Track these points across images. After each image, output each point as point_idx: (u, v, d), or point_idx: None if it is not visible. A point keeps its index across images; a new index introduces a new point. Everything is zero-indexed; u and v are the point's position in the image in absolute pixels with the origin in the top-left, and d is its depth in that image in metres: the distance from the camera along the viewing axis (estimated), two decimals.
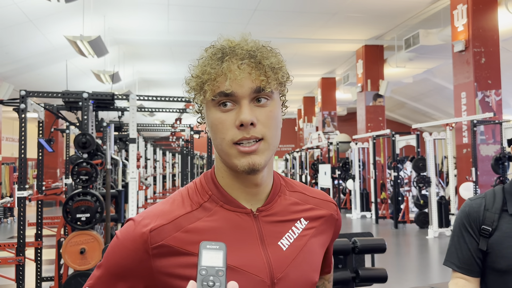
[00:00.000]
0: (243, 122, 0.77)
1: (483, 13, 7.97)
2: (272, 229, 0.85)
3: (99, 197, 3.66)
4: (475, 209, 1.43)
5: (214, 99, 0.79)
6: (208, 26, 10.71)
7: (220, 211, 0.83)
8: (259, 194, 0.86)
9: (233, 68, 0.78)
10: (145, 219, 0.81)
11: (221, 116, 0.79)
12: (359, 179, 11.27)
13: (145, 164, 10.58)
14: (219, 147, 0.81)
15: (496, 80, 7.93)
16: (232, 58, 0.79)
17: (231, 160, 0.80)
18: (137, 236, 0.79)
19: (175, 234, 0.80)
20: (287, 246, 0.84)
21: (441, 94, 16.37)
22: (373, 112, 12.33)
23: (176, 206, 0.83)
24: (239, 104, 0.79)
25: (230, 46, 0.80)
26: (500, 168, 7.10)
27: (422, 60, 11.69)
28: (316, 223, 0.91)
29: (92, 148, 3.77)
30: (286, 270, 0.82)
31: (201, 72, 0.80)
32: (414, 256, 6.74)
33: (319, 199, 0.95)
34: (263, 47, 0.82)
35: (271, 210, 0.86)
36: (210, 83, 0.79)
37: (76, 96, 3.97)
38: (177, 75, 15.42)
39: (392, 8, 9.60)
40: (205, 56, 0.82)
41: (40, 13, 8.26)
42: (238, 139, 0.78)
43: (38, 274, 4.29)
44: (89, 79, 11.67)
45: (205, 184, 0.86)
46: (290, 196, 0.91)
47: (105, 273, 0.81)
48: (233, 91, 0.78)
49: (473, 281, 1.42)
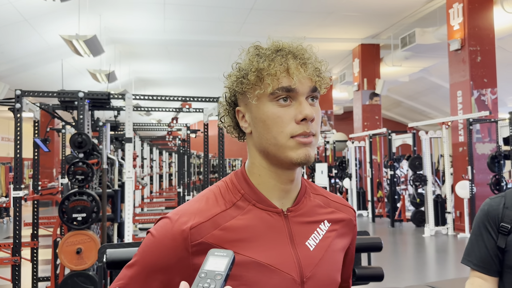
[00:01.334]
0: (307, 116, 0.81)
1: (479, 12, 7.99)
2: (300, 229, 0.87)
3: (95, 197, 3.65)
4: (494, 208, 1.43)
5: (274, 94, 0.82)
6: (204, 25, 10.69)
7: (252, 210, 0.85)
8: (291, 192, 0.88)
9: (296, 66, 0.83)
10: (182, 216, 0.82)
11: (279, 110, 0.82)
12: (356, 178, 11.29)
13: (142, 163, 10.56)
14: (272, 141, 0.83)
15: (492, 78, 7.96)
16: (291, 57, 0.84)
17: (285, 152, 0.82)
18: (177, 233, 0.80)
19: (213, 231, 0.81)
20: (313, 246, 0.87)
21: (437, 93, 16.42)
22: (370, 111, 12.35)
23: (211, 204, 0.85)
24: (296, 101, 0.83)
25: (287, 47, 0.86)
26: (496, 167, 7.13)
27: (418, 59, 11.71)
28: (337, 226, 0.94)
29: (88, 147, 3.75)
30: (314, 269, 0.85)
31: (265, 65, 0.82)
32: (410, 254, 6.76)
33: (339, 203, 0.98)
34: (313, 52, 0.89)
35: (299, 211, 0.89)
36: (273, 78, 0.82)
37: (71, 96, 3.95)
38: (173, 74, 15.39)
39: (388, 7, 9.61)
40: (261, 52, 0.85)
41: (36, 12, 8.22)
42: (298, 133, 0.82)
43: (34, 274, 4.28)
44: (85, 78, 11.63)
45: (237, 183, 0.88)
46: (314, 198, 0.94)
47: (141, 272, 0.81)
48: (296, 87, 0.82)
49: (491, 280, 1.42)
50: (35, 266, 4.29)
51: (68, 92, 3.96)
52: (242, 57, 0.88)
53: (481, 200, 7.50)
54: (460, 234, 7.70)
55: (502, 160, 7.13)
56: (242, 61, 0.87)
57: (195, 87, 17.71)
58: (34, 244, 4.21)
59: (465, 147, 7.89)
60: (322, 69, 0.87)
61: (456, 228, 8.08)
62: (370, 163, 10.48)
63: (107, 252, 1.10)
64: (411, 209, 9.93)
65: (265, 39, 0.91)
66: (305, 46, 0.88)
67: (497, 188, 7.11)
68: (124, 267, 0.84)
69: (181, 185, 8.26)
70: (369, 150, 10.55)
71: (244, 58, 0.87)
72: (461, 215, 8.01)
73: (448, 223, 8.05)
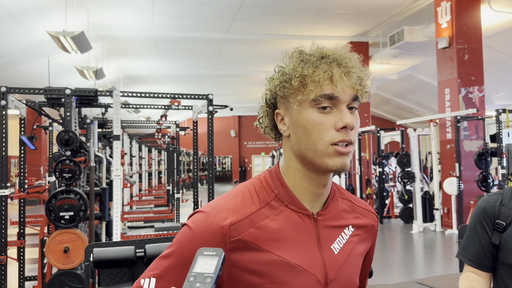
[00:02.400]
0: (348, 125, 0.83)
1: (467, 10, 8.06)
2: (327, 233, 0.90)
3: (82, 195, 3.62)
4: (491, 204, 1.44)
5: (316, 100, 0.83)
6: (193, 22, 10.63)
7: (285, 211, 0.87)
8: (323, 196, 0.90)
9: (339, 74, 0.83)
10: (221, 212, 0.84)
11: (320, 117, 0.83)
12: (345, 175, 11.32)
13: (130, 161, 10.49)
14: (311, 146, 0.84)
15: (479, 76, 8.04)
16: (335, 65, 0.84)
17: (323, 159, 0.84)
18: (216, 229, 0.82)
19: (250, 230, 0.83)
20: (338, 250, 0.90)
21: (425, 91, 16.55)
22: (359, 108, 12.40)
23: (247, 202, 0.87)
24: (337, 109, 0.84)
25: (329, 54, 0.85)
26: (483, 164, 7.21)
27: (407, 57, 11.79)
28: (360, 231, 0.96)
29: (75, 145, 3.71)
30: (337, 272, 0.88)
31: (310, 72, 0.83)
32: (399, 251, 6.81)
33: (363, 209, 1.00)
34: (358, 60, 0.88)
35: (327, 214, 0.91)
36: (317, 85, 0.82)
37: (58, 93, 3.91)
38: (162, 71, 15.30)
39: (377, 5, 9.65)
40: (306, 58, 0.85)
41: (22, 8, 8.11)
42: (338, 140, 0.83)
43: (21, 273, 4.23)
44: (72, 75, 11.51)
45: (271, 183, 0.90)
46: (342, 203, 0.96)
47: (177, 263, 0.82)
48: (339, 95, 0.83)
49: (484, 275, 1.43)
50: (22, 265, 4.24)
51: (55, 89, 3.91)
52: (286, 61, 0.89)
53: (468, 197, 7.59)
54: (448, 231, 7.78)
55: (489, 157, 7.21)
56: (285, 65, 0.88)
57: (184, 84, 17.63)
58: (21, 243, 4.16)
59: (452, 144, 7.97)
60: (365, 77, 0.87)
61: (444, 224, 8.16)
62: (359, 160, 10.54)
63: (94, 251, 1.09)
64: (399, 205, 10.00)
65: (254, 36, 0.90)
66: (349, 55, 0.88)
67: (484, 184, 7.19)
68: (158, 258, 0.85)
69: (171, 183, 8.22)
70: (358, 147, 10.60)
71: (288, 63, 0.88)
72: (448, 211, 8.09)
73: (436, 219, 8.13)
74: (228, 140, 26.40)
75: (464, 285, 1.44)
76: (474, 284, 1.42)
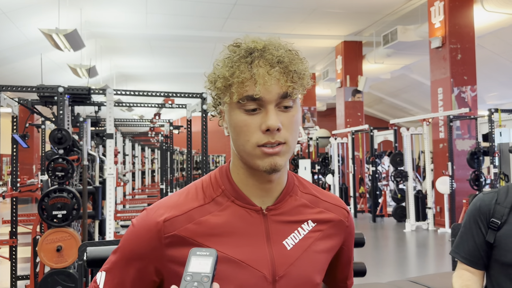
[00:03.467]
0: (270, 128, 0.79)
1: (460, 10, 8.10)
2: (279, 228, 0.87)
3: (75, 194, 3.60)
4: (486, 203, 1.45)
5: (240, 102, 0.81)
6: (187, 20, 10.60)
7: (231, 206, 0.86)
8: (271, 191, 0.88)
9: (263, 73, 0.79)
10: (160, 209, 0.86)
11: (246, 119, 0.81)
12: (338, 174, 11.37)
13: (123, 160, 10.45)
14: (241, 148, 0.83)
15: (472, 76, 8.08)
16: (261, 62, 0.80)
17: (253, 160, 0.83)
18: (152, 225, 0.84)
19: (187, 225, 0.83)
20: (291, 245, 0.87)
21: (418, 90, 16.62)
22: (352, 108, 12.45)
23: (190, 198, 0.87)
24: (264, 108, 0.80)
25: (259, 49, 0.81)
26: (476, 163, 7.25)
27: (400, 56, 11.83)
28: (323, 226, 0.92)
29: (68, 143, 3.69)
30: (288, 268, 0.85)
31: (229, 73, 0.80)
32: (392, 249, 6.84)
33: (330, 203, 0.96)
34: (291, 52, 0.83)
35: (280, 209, 0.89)
36: (238, 86, 0.80)
37: (51, 91, 3.88)
38: (155, 69, 15.25)
39: (371, 5, 9.68)
40: (231, 55, 0.82)
41: (14, 5, 8.04)
42: (263, 143, 0.80)
43: (13, 272, 4.20)
44: (65, 73, 11.44)
45: (219, 179, 0.89)
46: (301, 197, 0.93)
47: (121, 258, 0.86)
48: (261, 96, 0.79)
49: (477, 273, 1.44)
50: (14, 264, 4.21)
51: (47, 87, 3.89)
52: (222, 56, 0.86)
53: (461, 196, 7.63)
54: (440, 229, 7.83)
55: (481, 156, 7.25)
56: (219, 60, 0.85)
57: (178, 83, 17.58)
58: (13, 242, 4.13)
59: (445, 144, 8.01)
60: (300, 70, 0.82)
61: (437, 223, 8.21)
62: (352, 159, 10.57)
63: (87, 250, 1.08)
64: (392, 204, 10.05)
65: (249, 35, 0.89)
66: (283, 45, 0.83)
67: (476, 183, 7.24)
68: (112, 252, 0.89)
69: (164, 182, 8.20)
70: (351, 146, 10.64)
71: (218, 60, 0.85)
72: (441, 210, 8.14)
73: (429, 218, 8.17)
74: (222, 138, 26.34)
75: (459, 283, 1.45)
76: (468, 282, 1.43)
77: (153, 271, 0.85)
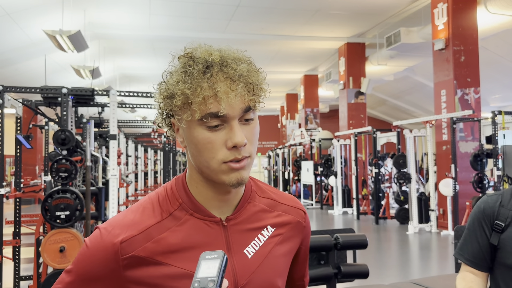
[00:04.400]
0: (237, 145, 0.77)
1: (463, 12, 8.09)
2: (239, 237, 0.86)
3: (78, 195, 3.61)
4: (490, 205, 1.44)
5: (202, 120, 0.77)
6: (190, 22, 10.63)
7: (189, 220, 0.84)
8: (230, 201, 0.87)
9: (225, 89, 0.76)
10: (115, 229, 0.82)
11: (209, 136, 0.78)
12: (341, 176, 11.36)
13: (126, 161, 10.47)
14: (204, 164, 0.80)
15: (475, 78, 8.07)
16: (221, 77, 0.77)
17: (218, 176, 0.80)
18: (108, 246, 0.80)
19: (146, 244, 0.80)
20: (252, 254, 0.86)
21: (421, 92, 16.60)
22: (355, 109, 12.44)
23: (146, 215, 0.84)
24: (228, 124, 0.78)
25: (216, 61, 0.78)
26: (479, 165, 7.23)
27: (403, 58, 11.82)
28: (282, 229, 0.92)
29: (71, 144, 3.70)
30: (250, 277, 0.85)
31: (190, 91, 0.77)
32: (395, 251, 6.83)
33: (287, 206, 0.95)
34: (247, 62, 0.82)
35: (239, 218, 0.87)
36: (201, 104, 0.76)
37: (55, 92, 3.90)
38: (158, 70, 15.11)
39: (374, 6, 9.68)
40: (187, 69, 0.78)
41: (18, 6, 8.08)
42: (230, 159, 0.79)
43: (17, 273, 4.21)
44: (69, 74, 11.48)
45: (176, 192, 0.86)
46: (259, 202, 0.92)
47: (75, 280, 0.82)
48: (226, 113, 0.77)
49: (481, 275, 1.44)
50: (17, 264, 4.22)
51: (51, 88, 3.90)
52: (173, 65, 0.82)
53: (464, 198, 7.61)
54: (443, 232, 7.80)
55: (485, 159, 7.23)
56: (172, 73, 0.81)
57: None
58: (16, 243, 4.14)
59: (448, 146, 7.99)
60: (258, 81, 0.81)
61: (440, 225, 8.19)
62: (355, 161, 10.55)
63: None
64: (395, 206, 10.03)
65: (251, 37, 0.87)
66: (238, 56, 0.81)
67: (479, 186, 7.21)
68: (64, 271, 0.85)
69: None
70: (354, 148, 10.62)
71: (173, 72, 0.81)
72: (444, 212, 8.11)
73: (432, 220, 8.15)
74: None
75: (462, 285, 1.44)
76: (472, 284, 1.43)
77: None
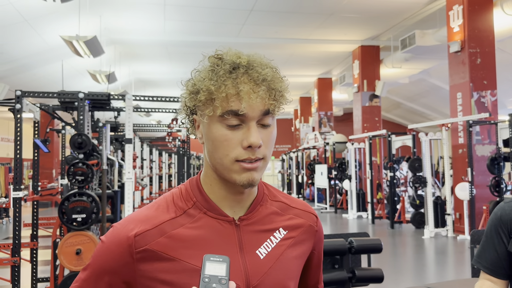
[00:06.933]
0: (253, 145, 0.80)
1: (479, 14, 8.00)
2: (251, 238, 0.88)
3: (95, 198, 3.65)
4: (507, 212, 1.42)
5: (222, 116, 0.80)
6: (205, 26, 10.70)
7: (203, 218, 0.86)
8: (243, 202, 0.89)
9: (248, 90, 0.79)
10: (130, 224, 0.84)
11: (227, 133, 0.81)
12: (356, 179, 11.29)
13: (141, 164, 10.55)
14: (218, 161, 0.83)
15: (492, 80, 7.96)
16: (246, 79, 0.81)
17: (230, 174, 0.83)
18: (123, 240, 0.83)
19: (159, 239, 0.83)
20: (264, 254, 0.87)
21: (437, 95, 16.43)
22: (369, 113, 12.36)
23: (160, 211, 0.86)
24: (246, 125, 0.81)
25: (243, 65, 0.82)
26: (496, 168, 7.13)
27: (418, 61, 11.72)
28: (294, 232, 0.93)
29: (88, 148, 3.75)
30: (262, 278, 0.85)
31: (215, 88, 0.80)
32: (410, 256, 6.76)
33: (299, 210, 0.97)
34: (272, 70, 0.84)
35: (252, 219, 0.89)
36: (223, 101, 0.80)
37: (72, 96, 3.95)
38: (173, 75, 15.39)
39: (388, 9, 9.62)
40: (215, 68, 0.82)
41: (36, 13, 8.23)
42: (243, 158, 0.81)
43: (34, 275, 4.27)
44: (85, 79, 11.64)
45: (190, 191, 0.89)
46: (271, 205, 0.93)
47: (91, 275, 0.85)
48: (246, 112, 0.80)
49: (500, 283, 1.42)
50: (35, 266, 4.29)
51: (68, 92, 3.96)
52: (203, 65, 0.85)
53: (480, 202, 7.50)
54: (459, 236, 7.70)
55: (502, 162, 7.13)
56: (200, 70, 0.85)
57: None
58: (34, 245, 4.21)
59: (464, 149, 7.89)
60: (281, 88, 0.84)
61: (456, 230, 8.08)
62: (369, 164, 10.48)
63: None
64: (410, 210, 9.93)
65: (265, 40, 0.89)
66: (265, 63, 0.84)
67: (496, 190, 7.11)
68: (81, 269, 0.88)
69: None
70: (368, 151, 10.55)
71: (201, 70, 0.85)
72: (460, 217, 8.00)
73: (448, 224, 8.05)
74: None
75: None
76: None
77: (125, 286, 0.84)
